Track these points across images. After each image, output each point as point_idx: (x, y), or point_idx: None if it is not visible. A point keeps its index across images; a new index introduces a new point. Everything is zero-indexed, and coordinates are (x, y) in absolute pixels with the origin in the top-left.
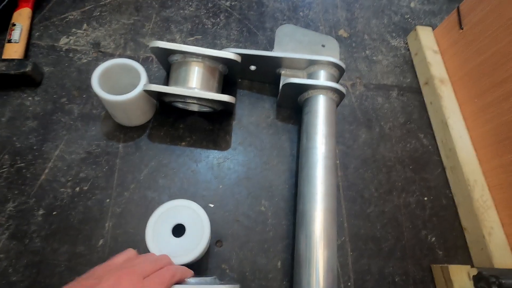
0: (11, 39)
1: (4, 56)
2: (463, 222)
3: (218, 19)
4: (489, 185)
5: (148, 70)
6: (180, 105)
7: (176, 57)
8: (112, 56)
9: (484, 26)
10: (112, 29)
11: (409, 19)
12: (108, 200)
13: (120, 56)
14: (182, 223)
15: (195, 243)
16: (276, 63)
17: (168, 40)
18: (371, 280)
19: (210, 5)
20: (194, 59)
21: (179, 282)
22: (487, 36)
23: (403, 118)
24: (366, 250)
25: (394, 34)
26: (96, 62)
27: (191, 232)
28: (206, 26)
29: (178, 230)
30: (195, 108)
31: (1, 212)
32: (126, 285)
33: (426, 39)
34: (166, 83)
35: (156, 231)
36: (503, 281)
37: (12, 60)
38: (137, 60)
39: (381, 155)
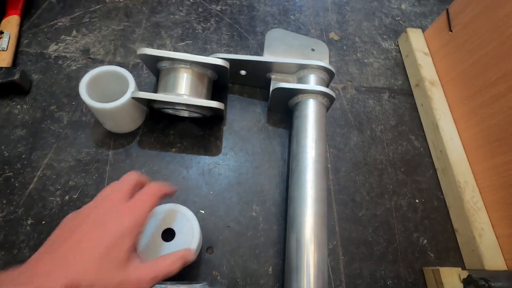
0: None
1: None
2: (455, 224)
3: (209, 23)
4: (479, 186)
5: (138, 76)
6: (170, 111)
7: (164, 64)
8: (101, 62)
9: (473, 28)
10: (102, 35)
11: (400, 21)
12: None
13: (110, 62)
14: (172, 228)
15: (185, 247)
16: (266, 67)
17: (159, 46)
18: (362, 284)
19: (200, 9)
20: (183, 65)
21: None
22: (477, 38)
23: (395, 121)
24: (358, 254)
25: (385, 37)
26: (85, 69)
27: (181, 237)
28: (196, 31)
29: (168, 235)
30: (185, 114)
31: None
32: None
33: (417, 41)
34: (156, 89)
35: (146, 235)
36: (492, 284)
37: (0, 68)
38: (127, 66)
39: (372, 158)
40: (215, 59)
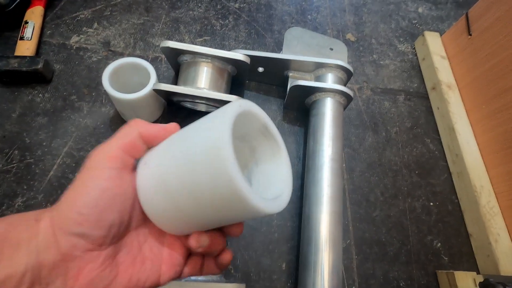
0: (23, 37)
1: (17, 53)
2: (469, 228)
3: (227, 20)
4: (496, 191)
5: (156, 70)
6: (188, 105)
7: (185, 57)
8: (121, 55)
9: (493, 33)
10: (122, 28)
11: (417, 25)
12: None
13: (129, 55)
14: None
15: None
16: (284, 65)
17: (177, 41)
18: (375, 284)
19: (219, 6)
20: (204, 59)
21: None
22: (495, 43)
23: (410, 123)
24: (371, 254)
25: (401, 39)
26: (106, 61)
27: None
28: (214, 28)
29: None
30: (203, 108)
31: (9, 207)
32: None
33: (434, 45)
34: (175, 82)
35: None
36: None
37: (24, 57)
38: (146, 60)
39: (387, 159)
40: (236, 54)
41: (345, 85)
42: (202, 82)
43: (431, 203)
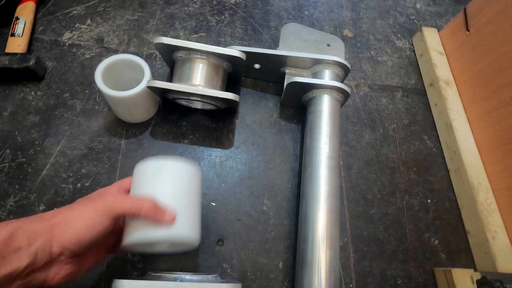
0: (14, 33)
1: (8, 50)
2: (467, 226)
3: (223, 16)
4: (493, 188)
5: (151, 67)
6: (183, 102)
7: (180, 54)
8: (115, 52)
9: (491, 28)
10: (116, 24)
11: (415, 20)
12: None
13: (123, 52)
14: None
15: None
16: (281, 61)
17: (172, 37)
18: (373, 282)
19: (214, 2)
20: (199, 56)
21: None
22: (494, 39)
23: (407, 120)
24: (369, 252)
25: (399, 35)
26: (99, 58)
27: None
28: (210, 24)
29: None
30: (198, 105)
31: (1, 207)
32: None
33: (432, 41)
34: (170, 79)
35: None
36: (507, 286)
37: (15, 54)
38: (141, 56)
39: (384, 156)
40: (232, 50)
41: (342, 81)
42: (197, 79)
43: (429, 200)
